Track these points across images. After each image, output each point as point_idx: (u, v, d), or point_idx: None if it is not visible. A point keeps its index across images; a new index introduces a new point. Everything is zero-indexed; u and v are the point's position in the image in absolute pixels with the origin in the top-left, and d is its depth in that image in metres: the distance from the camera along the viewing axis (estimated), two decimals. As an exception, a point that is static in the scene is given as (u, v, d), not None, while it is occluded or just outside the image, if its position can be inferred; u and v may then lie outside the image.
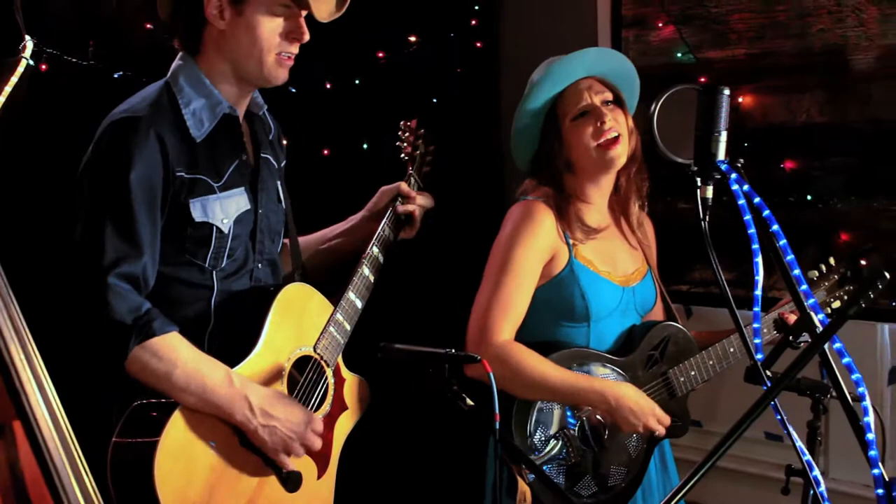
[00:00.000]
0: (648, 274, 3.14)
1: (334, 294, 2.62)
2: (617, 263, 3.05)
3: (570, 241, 2.95)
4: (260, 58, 2.45)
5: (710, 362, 3.05)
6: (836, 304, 3.15)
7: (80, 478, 1.25)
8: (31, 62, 3.07)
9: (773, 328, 3.01)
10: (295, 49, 2.50)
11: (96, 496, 1.27)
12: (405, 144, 3.00)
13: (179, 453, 2.28)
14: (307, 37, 2.49)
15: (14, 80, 3.02)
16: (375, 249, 2.70)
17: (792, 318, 3.02)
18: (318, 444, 2.48)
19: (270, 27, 2.44)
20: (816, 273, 3.13)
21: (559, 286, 2.95)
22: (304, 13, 2.48)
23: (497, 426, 2.07)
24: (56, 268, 2.35)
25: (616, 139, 2.92)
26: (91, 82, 3.25)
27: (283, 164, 2.75)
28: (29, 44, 3.08)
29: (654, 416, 2.90)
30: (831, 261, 3.15)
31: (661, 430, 2.92)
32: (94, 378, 2.37)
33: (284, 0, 2.44)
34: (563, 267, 2.95)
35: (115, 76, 3.27)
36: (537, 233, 2.92)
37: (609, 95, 2.97)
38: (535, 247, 2.91)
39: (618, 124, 2.93)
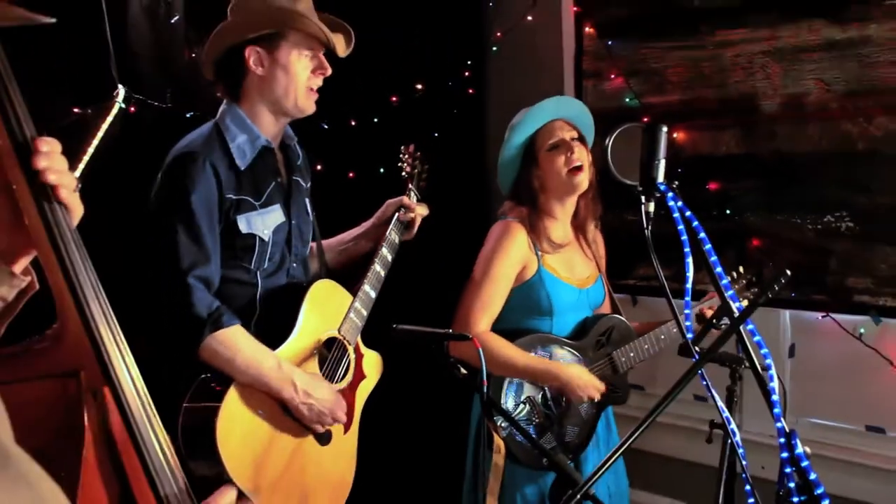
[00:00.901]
0: (599, 278, 3.17)
1: (352, 286, 2.62)
2: (575, 270, 3.08)
3: (539, 253, 2.98)
4: (296, 92, 2.46)
5: (646, 346, 3.09)
6: (744, 303, 3.15)
7: (157, 435, 1.25)
8: (123, 105, 3.08)
9: (694, 320, 3.02)
10: (320, 82, 2.51)
11: (171, 450, 1.26)
12: (405, 165, 2.98)
13: (236, 417, 2.28)
14: (330, 70, 2.50)
15: (110, 118, 3.03)
16: (385, 250, 2.69)
17: (708, 313, 3.05)
18: (343, 418, 2.49)
19: (301, 66, 2.45)
20: (728, 279, 3.14)
21: (530, 288, 2.98)
22: (322, 51, 2.49)
23: (485, 389, 2.08)
24: (127, 271, 2.32)
25: (581, 168, 2.95)
26: (168, 121, 3.25)
27: (309, 185, 2.73)
28: (121, 91, 3.09)
29: (594, 388, 2.93)
30: (741, 269, 3.18)
31: (597, 396, 2.94)
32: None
33: (309, 43, 2.45)
34: (533, 273, 2.98)
35: (188, 116, 3.27)
36: (513, 247, 2.95)
37: (575, 133, 3.01)
38: (510, 259, 2.95)
39: (582, 156, 2.96)
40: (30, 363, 1.20)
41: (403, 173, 2.96)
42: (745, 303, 3.12)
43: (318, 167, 2.84)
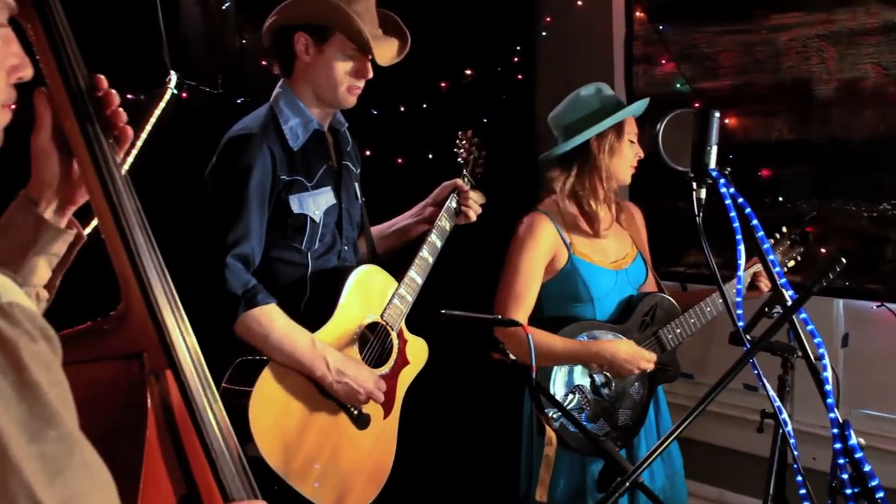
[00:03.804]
0: (638, 256, 3.15)
1: (399, 271, 2.64)
2: (608, 252, 3.08)
3: (568, 242, 2.98)
4: (334, 88, 2.51)
5: (692, 321, 3.07)
6: (791, 263, 3.19)
7: (217, 417, 1.28)
8: (175, 91, 3.13)
9: (746, 284, 3.02)
10: (362, 83, 2.54)
11: (229, 432, 1.30)
12: (462, 151, 2.97)
13: (269, 397, 2.33)
14: (371, 75, 2.54)
15: (162, 104, 3.08)
16: (434, 236, 2.71)
17: (761, 277, 3.05)
18: (380, 397, 2.50)
19: (343, 67, 2.49)
20: (772, 240, 3.14)
21: (564, 277, 3.00)
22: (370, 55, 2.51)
23: (534, 375, 2.09)
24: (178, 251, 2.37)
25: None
26: (219, 106, 3.30)
27: (358, 171, 2.77)
28: (173, 77, 3.14)
29: (643, 359, 2.92)
30: (784, 229, 3.16)
31: (650, 367, 2.94)
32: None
33: (355, 46, 2.48)
34: (564, 263, 2.99)
35: (238, 101, 3.31)
36: (538, 240, 2.97)
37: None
38: (536, 252, 2.97)
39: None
40: (95, 344, 1.24)
41: (459, 159, 2.96)
42: (791, 263, 3.13)
43: (367, 153, 2.87)
